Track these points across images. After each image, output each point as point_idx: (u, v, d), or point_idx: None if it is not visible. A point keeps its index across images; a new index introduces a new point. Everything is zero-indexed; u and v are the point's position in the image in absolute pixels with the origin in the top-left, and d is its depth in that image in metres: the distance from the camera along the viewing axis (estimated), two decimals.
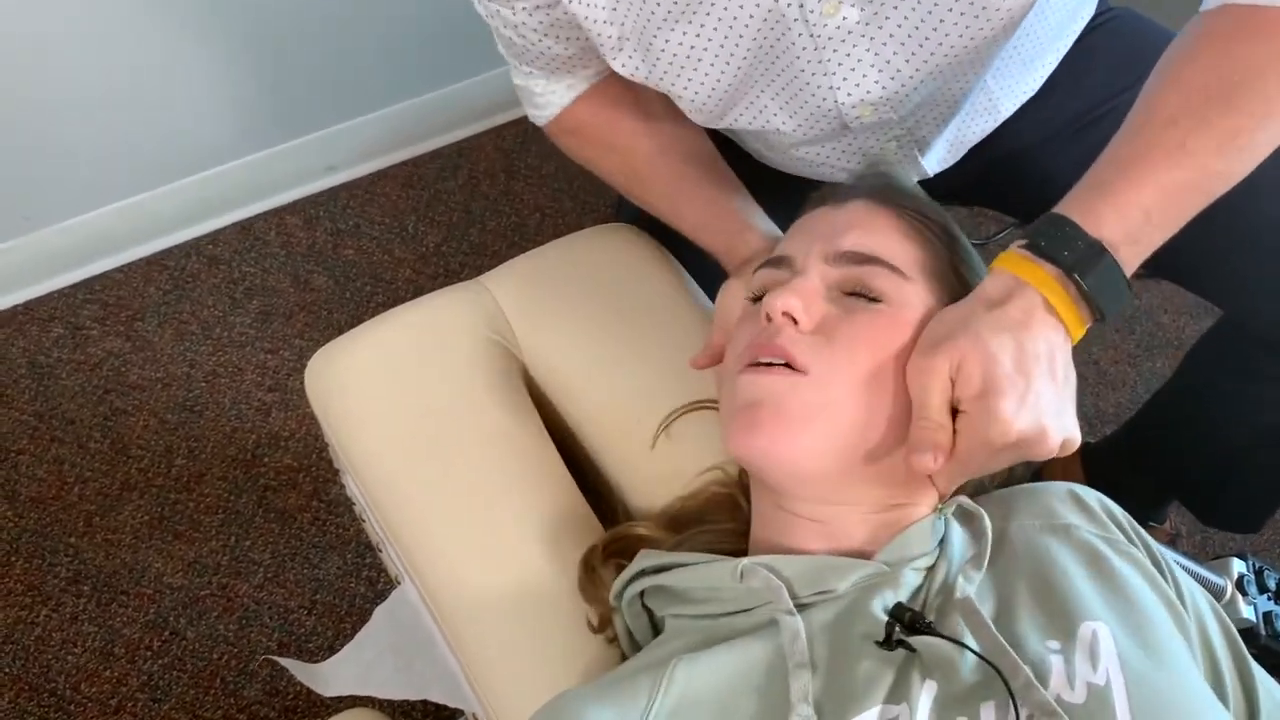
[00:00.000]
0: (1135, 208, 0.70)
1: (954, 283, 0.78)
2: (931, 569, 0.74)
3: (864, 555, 0.74)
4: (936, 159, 1.07)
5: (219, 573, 1.54)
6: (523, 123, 2.08)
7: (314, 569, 1.55)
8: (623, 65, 0.93)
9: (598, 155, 1.08)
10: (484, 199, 1.98)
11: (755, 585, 0.73)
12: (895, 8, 0.85)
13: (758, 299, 0.81)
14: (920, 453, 0.67)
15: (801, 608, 0.72)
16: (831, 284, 0.77)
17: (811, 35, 0.87)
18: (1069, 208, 0.71)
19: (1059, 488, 0.79)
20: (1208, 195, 0.72)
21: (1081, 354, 1.81)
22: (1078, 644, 0.67)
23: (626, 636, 0.83)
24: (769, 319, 0.75)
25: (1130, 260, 0.70)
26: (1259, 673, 0.74)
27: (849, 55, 0.89)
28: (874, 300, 0.75)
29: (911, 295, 0.75)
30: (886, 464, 0.73)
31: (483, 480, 0.92)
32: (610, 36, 0.91)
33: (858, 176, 0.89)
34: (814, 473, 0.73)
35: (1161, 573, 0.75)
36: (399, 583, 1.05)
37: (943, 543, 0.75)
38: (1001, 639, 0.66)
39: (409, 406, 0.96)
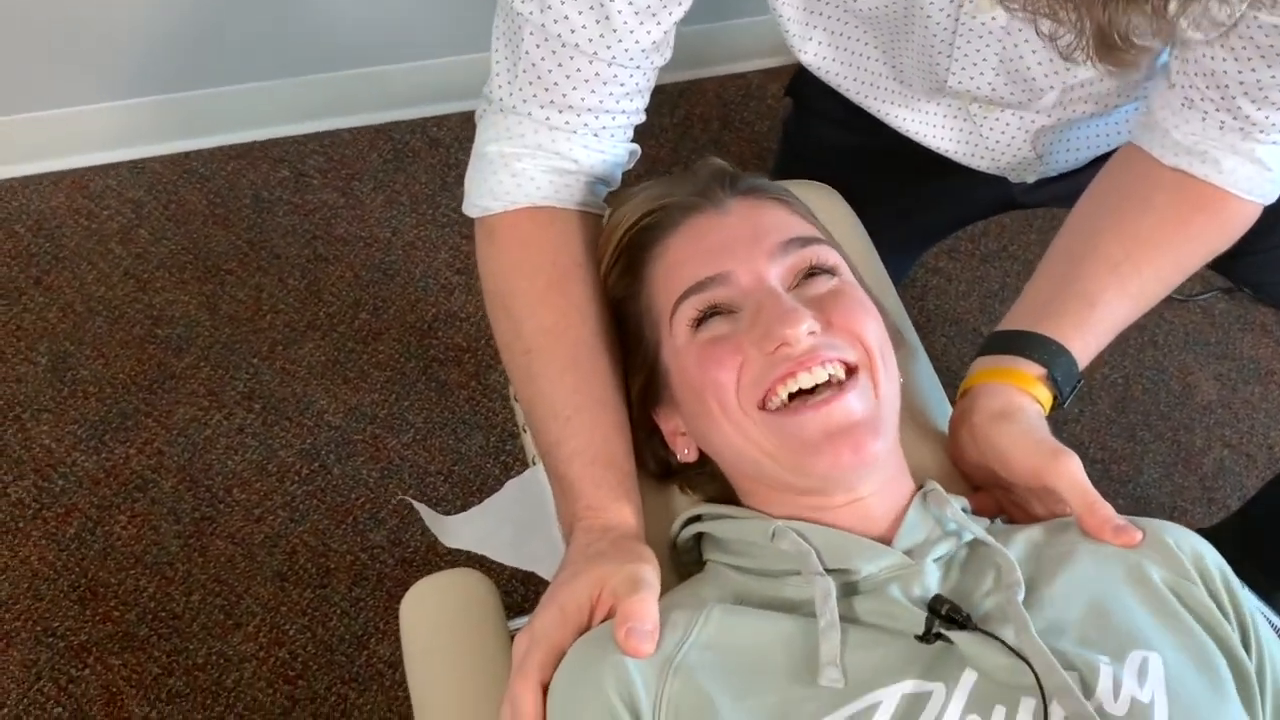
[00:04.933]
0: (1102, 335, 0.90)
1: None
2: (949, 562, 0.77)
3: (883, 537, 0.77)
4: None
5: (374, 423, 1.66)
6: (747, 78, 2.12)
7: (459, 442, 1.66)
8: None
9: (521, 262, 0.89)
10: (693, 142, 2.04)
11: (784, 548, 0.76)
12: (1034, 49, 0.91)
13: (702, 319, 0.79)
14: (1125, 528, 0.77)
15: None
16: (785, 282, 0.79)
17: (954, 18, 0.92)
18: (1065, 338, 0.88)
19: (1154, 526, 0.79)
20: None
21: (1259, 437, 1.78)
22: (1126, 664, 0.68)
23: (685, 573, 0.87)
24: (782, 344, 0.75)
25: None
26: None
27: (977, 52, 0.94)
28: (830, 274, 0.80)
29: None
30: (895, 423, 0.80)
31: None
32: None
33: (706, 178, 0.86)
34: (885, 462, 0.78)
35: (1245, 633, 0.75)
36: (534, 464, 1.12)
37: (958, 535, 0.78)
38: (1041, 642, 0.68)
39: None
